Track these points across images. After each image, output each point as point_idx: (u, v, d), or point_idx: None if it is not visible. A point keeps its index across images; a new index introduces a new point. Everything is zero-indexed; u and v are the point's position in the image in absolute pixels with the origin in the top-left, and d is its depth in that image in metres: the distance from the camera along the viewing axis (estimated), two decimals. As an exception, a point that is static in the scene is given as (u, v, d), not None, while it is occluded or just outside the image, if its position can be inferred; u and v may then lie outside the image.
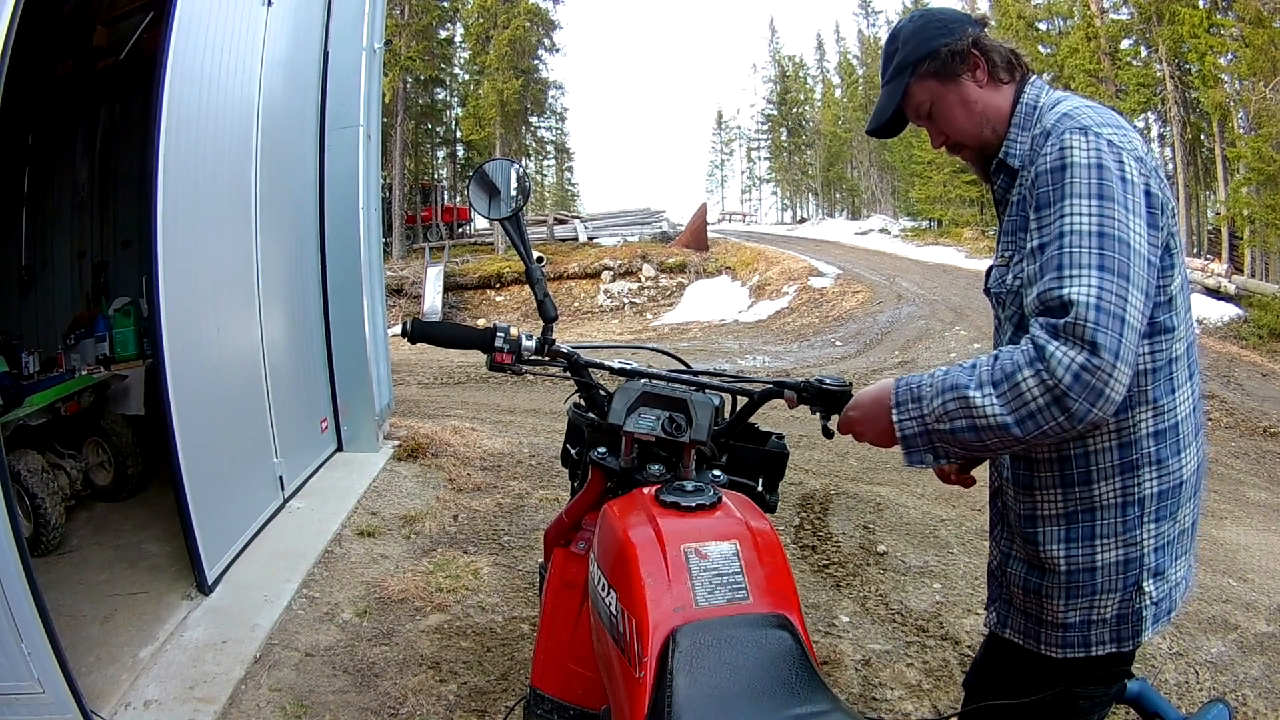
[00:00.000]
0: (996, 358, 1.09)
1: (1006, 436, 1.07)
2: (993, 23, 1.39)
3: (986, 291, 1.36)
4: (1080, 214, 1.08)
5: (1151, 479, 1.22)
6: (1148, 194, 1.12)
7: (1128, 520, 1.23)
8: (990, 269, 1.34)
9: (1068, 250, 1.07)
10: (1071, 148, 1.11)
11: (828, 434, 1.38)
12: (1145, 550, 1.23)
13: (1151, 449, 1.21)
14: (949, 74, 1.27)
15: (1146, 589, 1.24)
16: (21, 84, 3.46)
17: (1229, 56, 13.74)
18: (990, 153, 1.30)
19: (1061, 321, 1.04)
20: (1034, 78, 1.30)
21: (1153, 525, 1.23)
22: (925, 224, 25.08)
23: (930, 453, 1.16)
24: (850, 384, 1.36)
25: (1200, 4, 14.39)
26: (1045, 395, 1.04)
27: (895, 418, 1.17)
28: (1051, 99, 1.25)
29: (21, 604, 2.07)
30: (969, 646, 2.79)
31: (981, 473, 1.50)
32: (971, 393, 1.09)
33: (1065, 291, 1.05)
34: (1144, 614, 1.25)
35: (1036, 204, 1.14)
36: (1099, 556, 1.24)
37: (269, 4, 3.73)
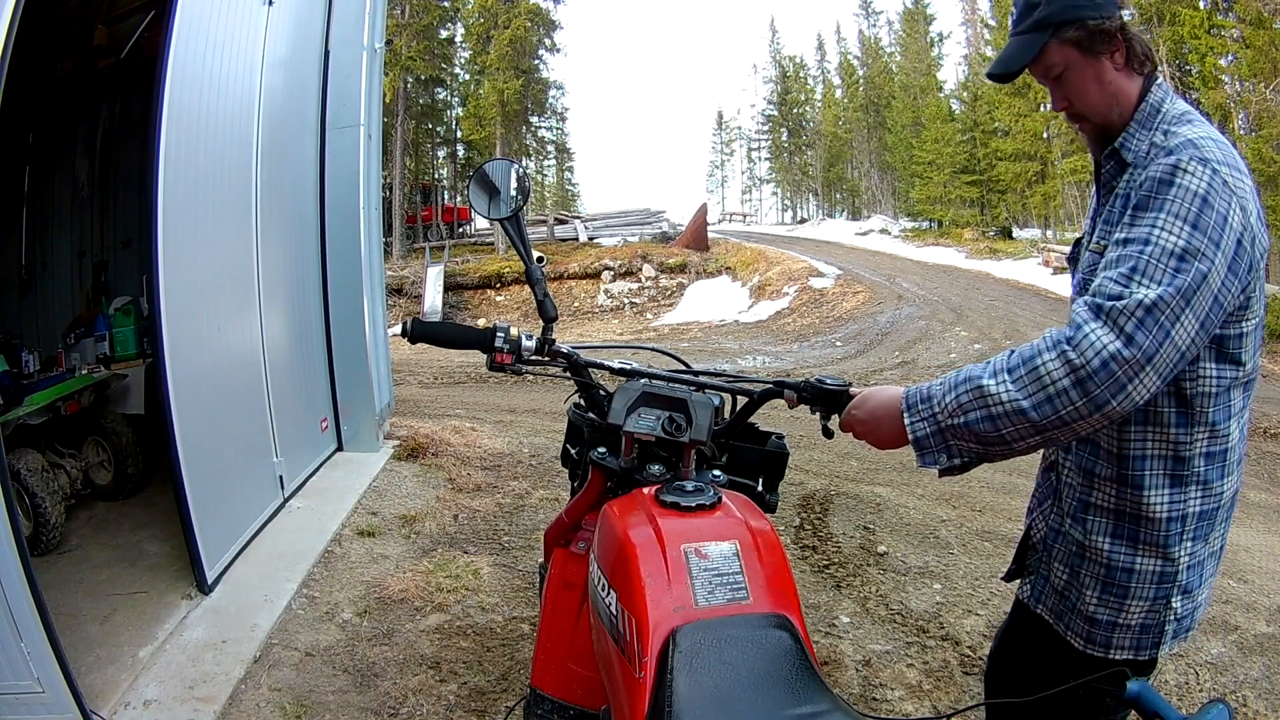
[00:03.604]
0: (1014, 351, 1.12)
1: (1022, 422, 1.09)
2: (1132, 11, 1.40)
3: (1071, 259, 1.42)
4: (1171, 231, 1.09)
5: (1196, 498, 1.25)
6: (1239, 243, 1.12)
7: (1170, 535, 1.25)
8: (1078, 244, 1.40)
9: (1147, 259, 1.09)
10: (1187, 172, 1.13)
11: (828, 434, 1.38)
12: (1180, 567, 1.27)
13: (1201, 469, 1.25)
14: (1092, 49, 1.26)
15: (1174, 605, 1.28)
16: (22, 84, 3.46)
17: (1229, 58, 13.74)
18: (1111, 134, 1.31)
19: (1109, 304, 1.06)
20: (1160, 79, 1.31)
21: (1189, 544, 1.26)
22: (925, 224, 25.09)
23: (944, 452, 1.18)
24: (850, 384, 1.36)
25: (1201, 5, 14.39)
26: (1069, 376, 1.05)
27: (907, 420, 1.19)
28: (1178, 109, 1.27)
29: (21, 604, 2.07)
30: (969, 647, 2.79)
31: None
32: (985, 381, 1.11)
33: (1128, 288, 1.07)
34: (1166, 628, 1.29)
35: (1136, 204, 1.16)
36: (1138, 561, 1.27)
37: (270, 3, 3.73)
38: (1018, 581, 1.53)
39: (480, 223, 23.73)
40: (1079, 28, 1.25)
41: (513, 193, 1.52)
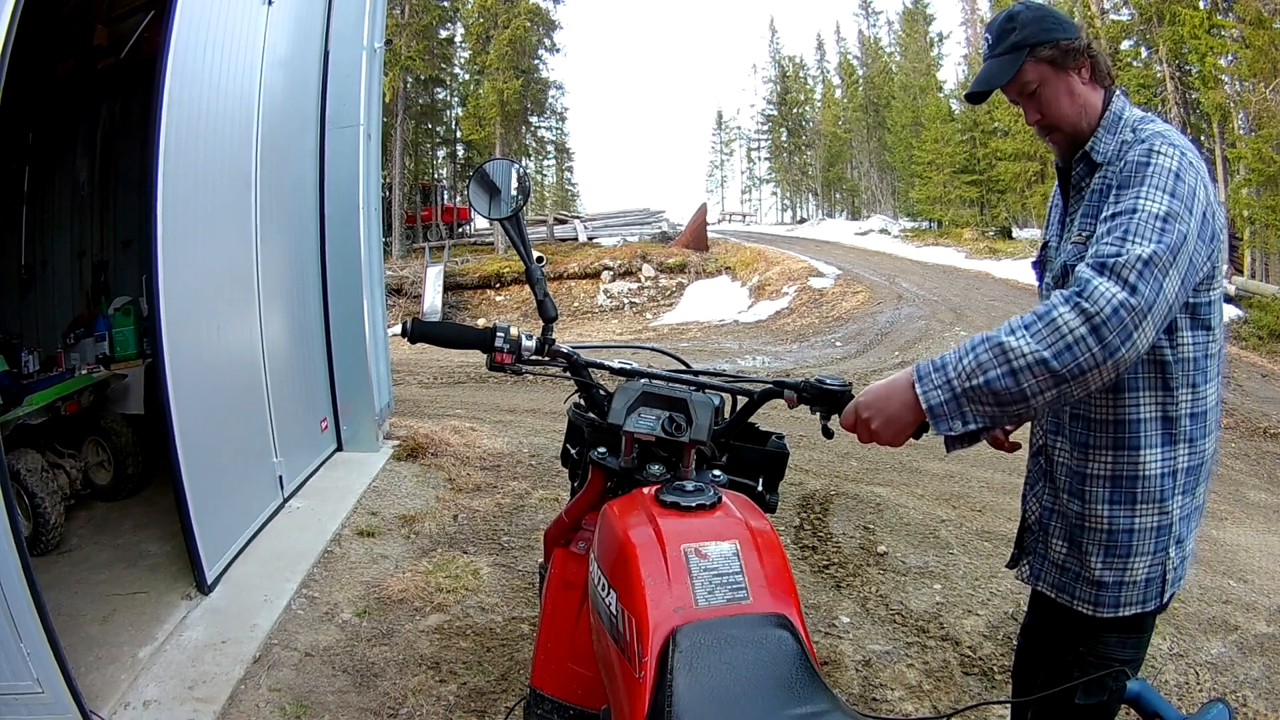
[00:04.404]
0: (1024, 315, 1.20)
1: (1044, 373, 1.14)
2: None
3: (1038, 264, 1.59)
4: (1153, 200, 1.23)
5: (1184, 454, 1.40)
6: (1204, 215, 1.27)
7: (1164, 490, 1.39)
8: (1044, 248, 1.57)
9: (1137, 222, 1.21)
10: (1161, 153, 1.28)
11: (828, 434, 1.38)
12: (1174, 519, 1.40)
13: (1188, 428, 1.39)
14: (1063, 65, 1.41)
15: (1171, 555, 1.41)
16: (22, 83, 3.46)
17: (1229, 58, 13.73)
18: (1079, 141, 1.46)
19: (1111, 260, 1.16)
20: (1118, 91, 1.47)
21: (1180, 497, 1.40)
22: (925, 224, 25.07)
23: (959, 418, 1.21)
24: (850, 384, 1.36)
25: (1201, 5, 14.38)
26: (1084, 325, 1.13)
27: (919, 390, 1.22)
28: (1136, 114, 1.43)
29: (21, 604, 2.07)
30: (969, 647, 2.79)
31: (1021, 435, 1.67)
32: (1005, 338, 1.17)
33: (1123, 246, 1.18)
34: (1167, 577, 1.41)
35: (1118, 185, 1.30)
36: (1137, 520, 1.40)
37: (270, 3, 3.72)
38: (1019, 578, 1.61)
39: (480, 223, 23.75)
40: (1052, 47, 1.40)
41: (513, 192, 1.51)
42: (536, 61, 23.24)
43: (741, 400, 1.48)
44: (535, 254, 1.49)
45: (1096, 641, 1.45)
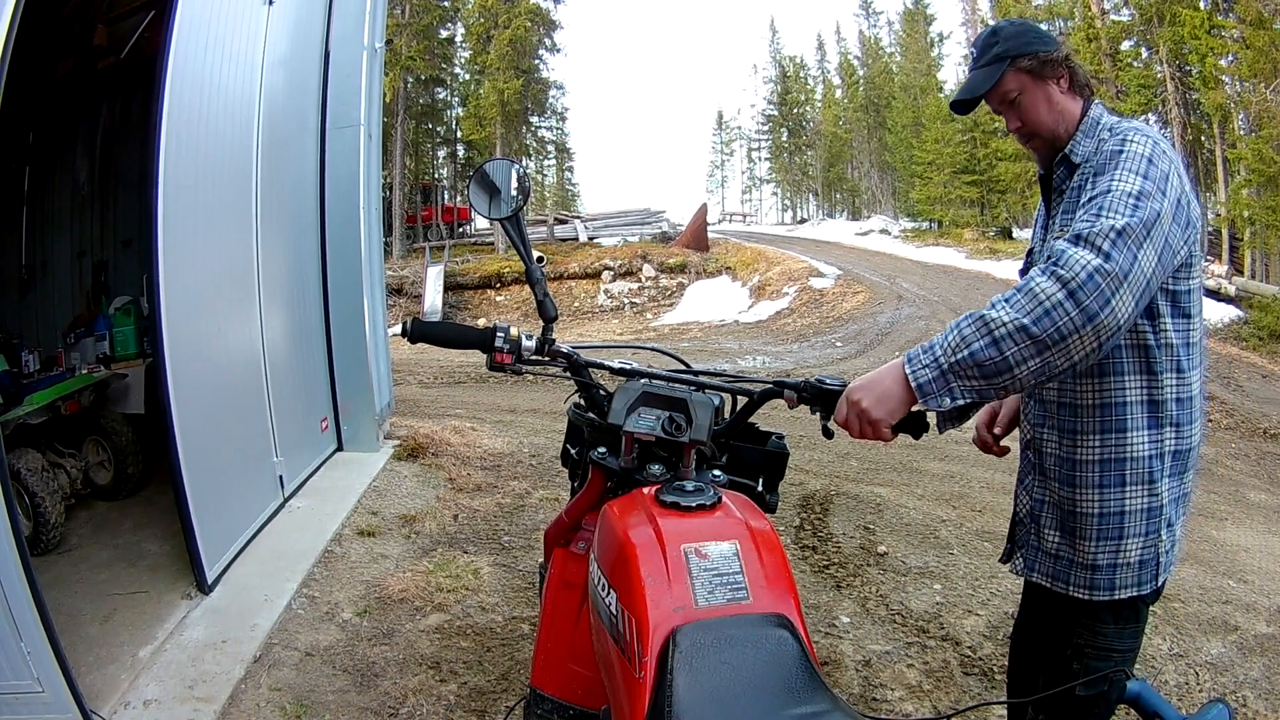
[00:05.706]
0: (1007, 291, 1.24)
1: (1025, 340, 1.17)
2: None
3: (1024, 272, 1.58)
4: (1126, 180, 1.28)
5: (1171, 438, 1.43)
6: (1178, 200, 1.30)
7: (1153, 472, 1.43)
8: (1030, 254, 1.64)
9: (1111, 199, 1.25)
10: (1134, 141, 1.35)
11: (828, 434, 1.39)
12: (1164, 501, 1.44)
13: (1174, 412, 1.43)
14: (1042, 75, 1.49)
15: (1163, 538, 1.44)
16: (22, 83, 3.46)
17: (1230, 58, 13.73)
18: (1059, 146, 1.52)
19: (1085, 231, 1.21)
20: (1096, 100, 1.54)
21: (1168, 480, 1.44)
22: (925, 225, 25.07)
23: (947, 394, 1.24)
24: (850, 384, 1.36)
25: (1201, 5, 14.39)
26: (1060, 290, 1.16)
27: (909, 370, 1.25)
28: (1112, 119, 1.50)
29: (21, 603, 2.07)
30: (969, 647, 2.79)
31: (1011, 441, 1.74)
32: (985, 312, 1.22)
33: (1098, 220, 1.22)
34: (1160, 560, 1.45)
35: (1094, 174, 1.36)
36: (1128, 502, 1.43)
37: (270, 3, 3.72)
38: (1013, 571, 1.64)
39: (480, 223, 23.74)
40: (1031, 58, 1.48)
41: (513, 193, 1.51)
42: (537, 61, 23.24)
43: (741, 400, 1.48)
44: (535, 254, 1.49)
45: (1094, 631, 1.47)
